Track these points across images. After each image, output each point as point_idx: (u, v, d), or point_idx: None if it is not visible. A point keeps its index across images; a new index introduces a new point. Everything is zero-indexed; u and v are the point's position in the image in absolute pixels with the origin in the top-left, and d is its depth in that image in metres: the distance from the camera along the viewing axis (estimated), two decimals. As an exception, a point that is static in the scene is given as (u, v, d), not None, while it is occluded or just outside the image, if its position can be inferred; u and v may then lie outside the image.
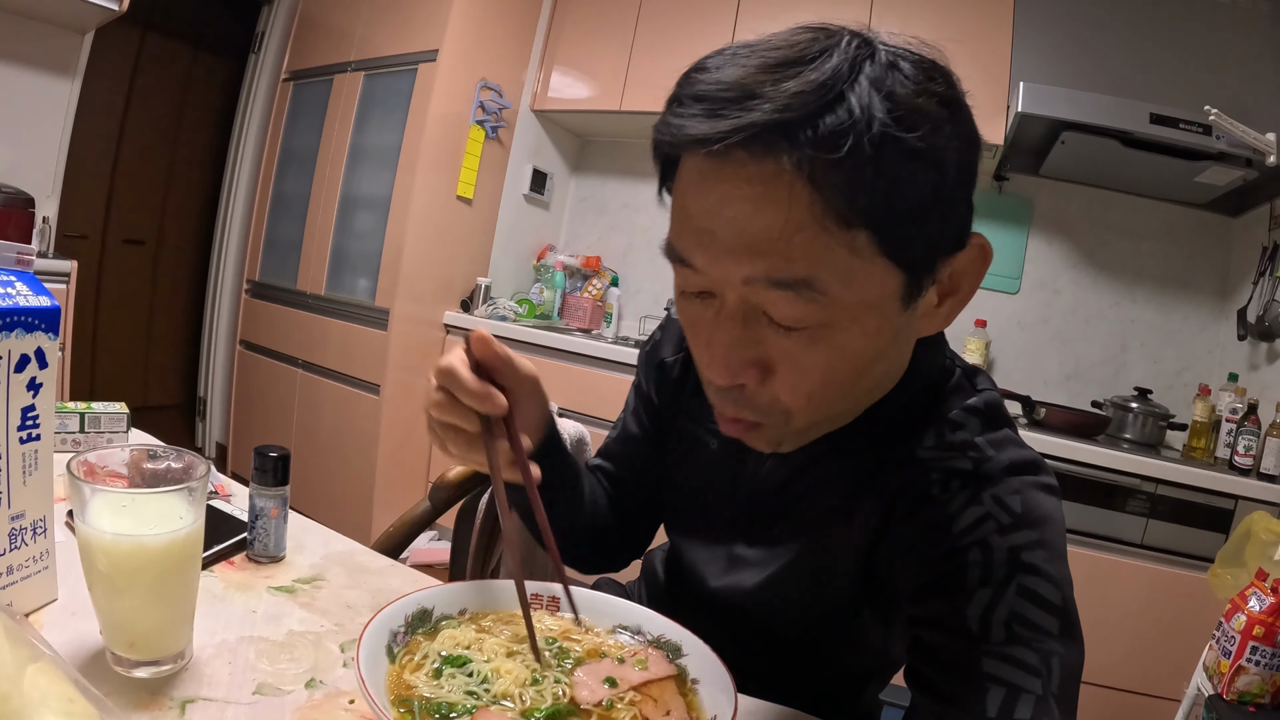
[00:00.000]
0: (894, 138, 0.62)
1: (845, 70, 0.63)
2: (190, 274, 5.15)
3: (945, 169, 0.66)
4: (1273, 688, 1.90)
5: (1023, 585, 0.71)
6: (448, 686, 0.67)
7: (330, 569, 1.03)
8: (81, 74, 3.64)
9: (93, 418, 1.32)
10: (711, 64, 0.68)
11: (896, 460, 0.84)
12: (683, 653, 0.77)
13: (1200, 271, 3.51)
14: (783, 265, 0.65)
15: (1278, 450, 2.74)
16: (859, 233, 0.64)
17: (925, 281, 0.71)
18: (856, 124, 0.61)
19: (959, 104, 0.69)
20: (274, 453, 1.01)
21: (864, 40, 0.66)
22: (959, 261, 0.73)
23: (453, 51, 3.60)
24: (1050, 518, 0.77)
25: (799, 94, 0.61)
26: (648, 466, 1.18)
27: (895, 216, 0.65)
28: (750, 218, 0.65)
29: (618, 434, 1.24)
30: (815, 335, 0.69)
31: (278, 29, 4.50)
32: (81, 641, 0.76)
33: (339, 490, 3.87)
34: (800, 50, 0.64)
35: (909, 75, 0.65)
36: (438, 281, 3.87)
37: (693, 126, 0.65)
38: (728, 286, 0.70)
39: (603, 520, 1.18)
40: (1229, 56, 3.04)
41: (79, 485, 0.68)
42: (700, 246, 0.70)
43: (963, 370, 0.90)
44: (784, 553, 0.96)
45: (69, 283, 3.17)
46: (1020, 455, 0.81)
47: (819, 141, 0.61)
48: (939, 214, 0.68)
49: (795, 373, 0.72)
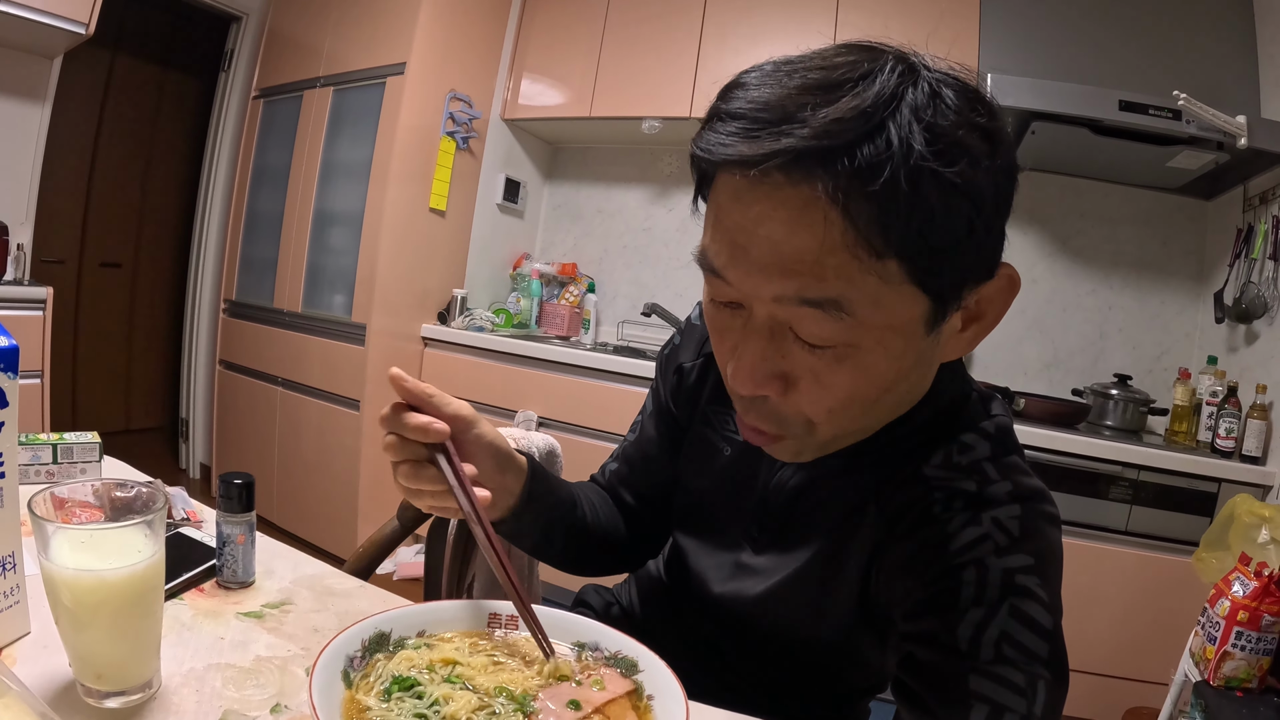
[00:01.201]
0: (932, 171, 0.62)
1: (887, 97, 0.62)
2: (168, 295, 5.14)
3: (982, 202, 0.66)
4: (1259, 672, 1.90)
5: (1015, 607, 0.72)
6: (397, 710, 0.66)
7: (299, 593, 1.03)
8: (52, 98, 3.62)
9: (65, 448, 1.31)
10: (751, 80, 0.68)
11: (903, 477, 0.85)
12: (639, 669, 0.77)
13: (1176, 256, 3.53)
14: (813, 285, 0.65)
15: (1259, 432, 2.76)
16: (889, 261, 0.65)
17: (951, 308, 0.72)
18: (894, 155, 0.61)
19: (1000, 135, 0.68)
20: (238, 480, 1.00)
21: (908, 66, 0.66)
22: (987, 290, 0.74)
23: (421, 63, 3.60)
24: (1049, 544, 0.78)
25: (838, 120, 0.61)
26: (664, 470, 1.18)
27: (927, 248, 0.65)
28: (784, 239, 0.65)
29: (635, 437, 1.23)
30: (840, 354, 0.70)
31: (247, 46, 4.48)
32: (53, 674, 0.76)
33: (323, 507, 3.86)
34: (842, 73, 0.64)
35: (951, 105, 0.64)
36: (414, 295, 3.86)
37: (730, 146, 0.65)
38: (757, 301, 0.70)
39: (612, 530, 1.18)
40: (1196, 41, 3.06)
41: (40, 524, 0.68)
42: (733, 262, 0.70)
43: (978, 394, 0.91)
44: (790, 563, 0.96)
45: (45, 309, 3.15)
46: (1025, 482, 0.82)
47: (855, 172, 0.61)
48: (972, 246, 0.68)
49: (818, 388, 0.72)
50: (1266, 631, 1.88)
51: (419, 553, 3.47)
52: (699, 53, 3.69)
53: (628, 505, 1.22)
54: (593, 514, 1.15)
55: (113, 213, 4.81)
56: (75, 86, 4.05)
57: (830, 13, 3.44)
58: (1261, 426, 2.76)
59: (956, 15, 3.24)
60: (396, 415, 0.84)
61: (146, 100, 4.80)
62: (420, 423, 0.83)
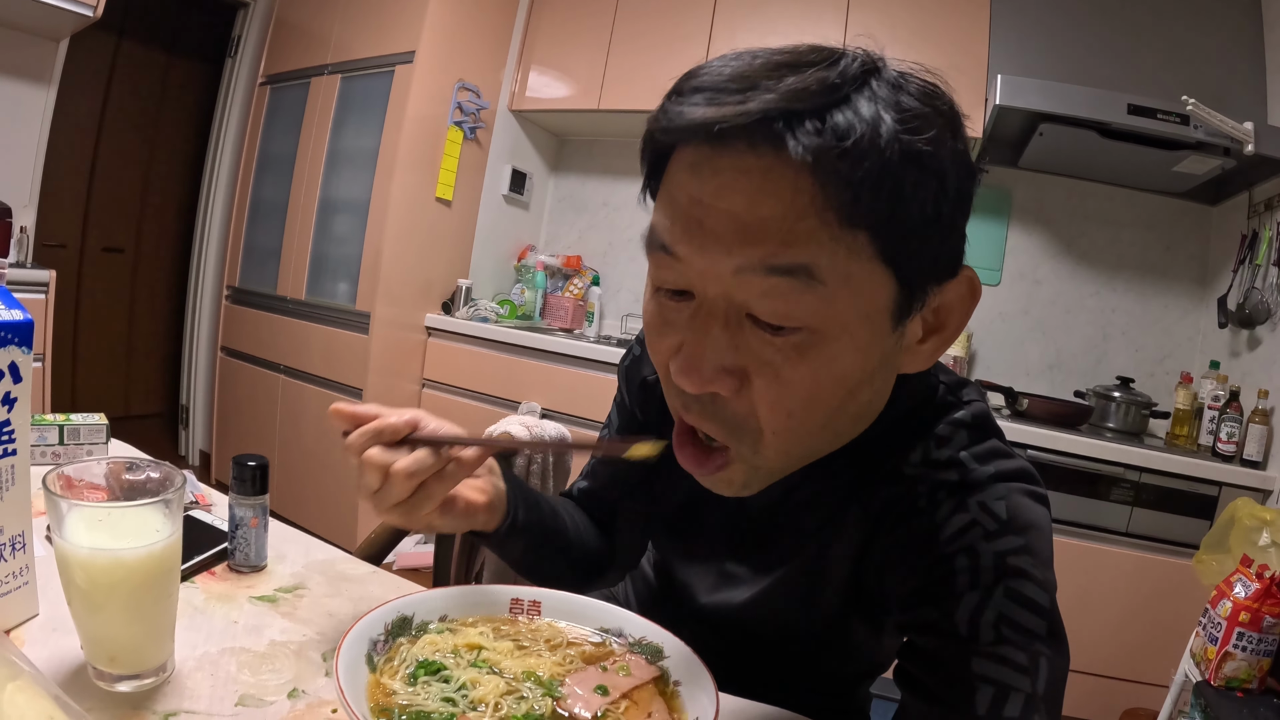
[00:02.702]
0: (903, 139, 0.60)
1: (852, 77, 0.62)
2: (170, 281, 5.13)
3: (947, 184, 0.65)
4: (1259, 673, 1.91)
5: (1010, 588, 0.71)
6: (424, 694, 0.66)
7: (312, 577, 1.03)
8: (57, 82, 3.61)
9: (71, 430, 1.31)
10: (714, 63, 0.66)
11: (883, 475, 0.83)
12: (664, 655, 0.77)
13: (1179, 260, 3.53)
14: (780, 251, 0.62)
15: (1260, 437, 2.77)
16: (859, 233, 0.62)
17: (916, 303, 0.69)
18: (865, 123, 0.60)
19: (961, 126, 0.68)
20: (252, 462, 1.00)
21: (870, 59, 0.65)
22: (948, 293, 0.71)
23: (430, 53, 3.59)
24: (1036, 524, 0.77)
25: (805, 89, 0.60)
26: (635, 481, 1.15)
27: (896, 221, 0.63)
28: (747, 209, 0.62)
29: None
30: (803, 344, 0.66)
31: (254, 32, 4.47)
32: (63, 656, 0.75)
33: (323, 496, 3.85)
34: (809, 57, 0.63)
35: (914, 93, 0.64)
36: (418, 284, 3.85)
37: (691, 112, 0.62)
38: (711, 281, 0.66)
39: (592, 546, 1.16)
40: (1205, 46, 3.06)
41: (55, 500, 0.67)
42: (687, 235, 0.66)
43: (946, 385, 0.88)
44: (773, 569, 0.95)
45: (48, 292, 3.14)
46: (1007, 464, 0.80)
47: (826, 134, 0.59)
48: (939, 232, 0.67)
49: (777, 385, 0.67)
50: (1268, 633, 1.89)
51: (419, 543, 3.46)
52: (709, 48, 3.67)
53: (598, 521, 1.19)
54: (578, 536, 1.13)
55: (116, 197, 4.79)
56: (81, 70, 4.03)
57: (841, 12, 3.42)
58: (1263, 431, 2.77)
59: (967, 15, 3.23)
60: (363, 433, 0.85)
61: (152, 85, 4.79)
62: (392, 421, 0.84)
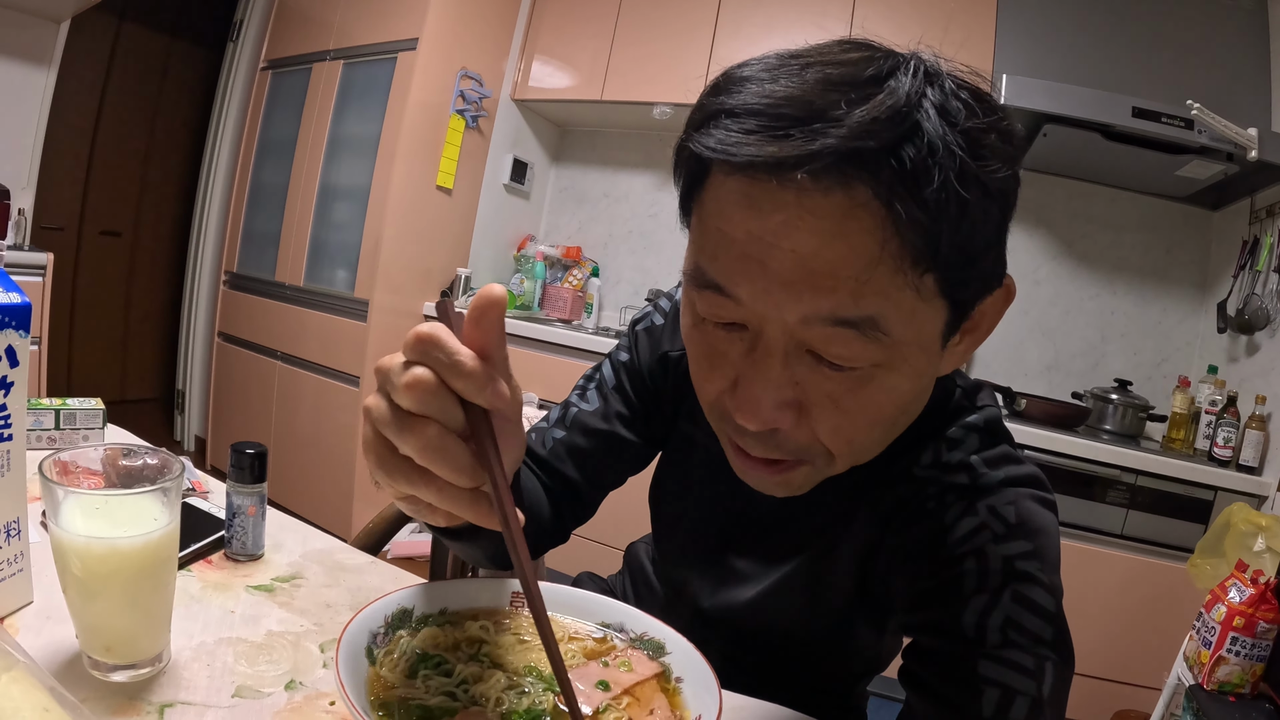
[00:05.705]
0: (973, 173, 0.57)
1: (916, 97, 0.57)
2: (168, 265, 5.11)
3: (1009, 205, 0.63)
4: (1253, 678, 1.91)
5: (1018, 592, 0.71)
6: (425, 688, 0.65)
7: (309, 567, 1.02)
8: (57, 64, 3.59)
9: (68, 414, 1.30)
10: (754, 74, 0.62)
11: (893, 476, 0.83)
12: (666, 650, 0.76)
13: (1180, 264, 3.53)
14: (850, 304, 0.59)
15: (1257, 443, 2.77)
16: (929, 275, 0.60)
17: (965, 320, 0.68)
18: (938, 156, 0.56)
19: (1016, 138, 0.64)
20: (251, 450, 0.99)
21: (927, 68, 0.60)
22: (988, 300, 0.70)
23: (433, 40, 3.57)
24: (1045, 529, 0.77)
25: (875, 120, 0.55)
26: (623, 448, 1.07)
27: (964, 257, 0.60)
28: (815, 252, 0.58)
29: (595, 409, 1.09)
30: (865, 376, 0.64)
31: (256, 17, 4.44)
32: (58, 645, 0.74)
33: (319, 484, 3.85)
34: (860, 69, 0.58)
35: (972, 107, 0.59)
36: (417, 272, 3.85)
37: (754, 146, 0.57)
38: (773, 322, 0.63)
39: (546, 527, 1.04)
40: (1211, 50, 3.06)
41: (51, 487, 0.66)
42: (747, 277, 0.62)
43: (963, 389, 0.87)
44: (779, 566, 0.94)
45: (45, 275, 3.14)
46: (1017, 470, 0.80)
47: (904, 175, 0.56)
48: (996, 253, 0.65)
49: (838, 414, 0.66)
50: (1261, 638, 1.89)
51: (414, 532, 3.46)
52: (713, 40, 3.67)
53: (567, 479, 1.05)
54: (534, 504, 1.01)
55: (114, 181, 4.77)
56: (81, 52, 4.01)
57: (846, 7, 3.41)
58: (1259, 437, 2.77)
59: (972, 15, 3.22)
60: (444, 344, 0.58)
61: (152, 68, 4.76)
62: (483, 371, 0.59)
